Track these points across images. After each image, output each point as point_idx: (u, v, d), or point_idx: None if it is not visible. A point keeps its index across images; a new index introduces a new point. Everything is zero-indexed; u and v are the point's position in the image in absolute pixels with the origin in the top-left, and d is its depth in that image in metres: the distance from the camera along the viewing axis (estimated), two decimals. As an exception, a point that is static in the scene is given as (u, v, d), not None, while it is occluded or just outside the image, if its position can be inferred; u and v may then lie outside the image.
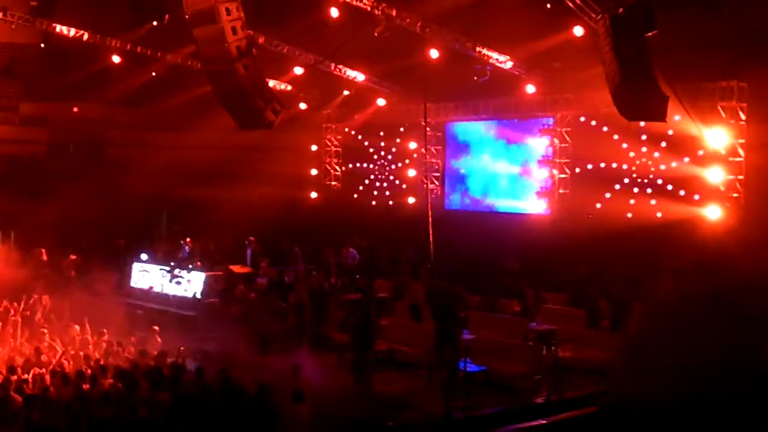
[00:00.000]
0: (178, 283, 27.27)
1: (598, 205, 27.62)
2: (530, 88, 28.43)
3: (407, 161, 35.29)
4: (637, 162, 27.14)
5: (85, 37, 30.00)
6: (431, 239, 17.67)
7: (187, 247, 31.16)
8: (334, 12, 26.03)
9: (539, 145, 30.62)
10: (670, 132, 25.43)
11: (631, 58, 18.65)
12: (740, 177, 24.50)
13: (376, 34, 25.01)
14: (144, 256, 29.68)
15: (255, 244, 31.21)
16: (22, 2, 29.11)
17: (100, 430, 14.27)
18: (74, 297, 26.00)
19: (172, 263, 28.55)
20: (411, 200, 34.30)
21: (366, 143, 37.07)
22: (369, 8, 24.77)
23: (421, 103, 26.59)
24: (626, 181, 27.36)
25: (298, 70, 32.21)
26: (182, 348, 20.21)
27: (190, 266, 28.21)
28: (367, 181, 37.14)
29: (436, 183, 33.83)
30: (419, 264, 28.22)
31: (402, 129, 35.21)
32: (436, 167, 34.02)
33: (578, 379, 18.43)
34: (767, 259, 16.36)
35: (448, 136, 34.36)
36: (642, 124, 25.05)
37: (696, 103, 23.96)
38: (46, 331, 21.74)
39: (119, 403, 15.47)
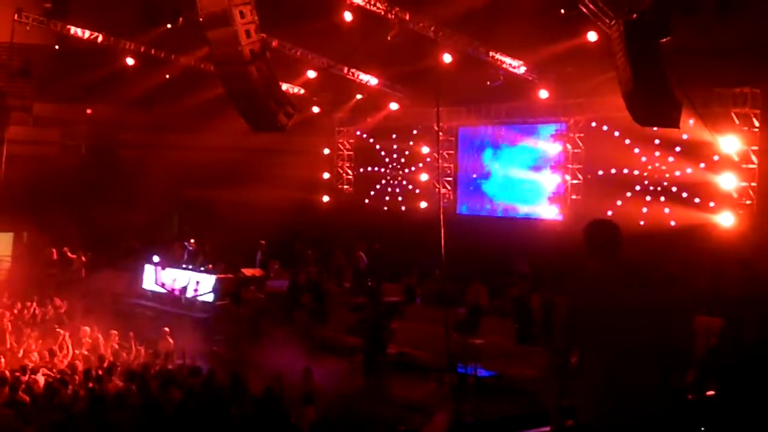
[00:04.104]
0: (193, 281, 27.37)
1: (610, 213, 27.52)
2: (543, 93, 28.41)
3: (420, 165, 35.23)
4: (650, 168, 27.06)
5: (99, 39, 30.07)
6: (443, 243, 17.61)
7: (190, 248, 31.25)
8: (348, 16, 26.07)
9: (552, 150, 30.58)
10: (684, 138, 25.35)
11: (644, 64, 18.64)
12: (753, 184, 24.41)
13: (389, 38, 25.04)
14: (156, 258, 29.76)
15: (265, 247, 31.26)
16: (37, 4, 29.16)
17: (109, 430, 14.30)
18: (86, 298, 26.11)
19: (183, 265, 28.65)
20: (423, 204, 34.26)
21: (378, 147, 37.02)
22: (382, 12, 24.82)
23: (434, 107, 26.48)
24: (639, 187, 27.27)
25: (311, 74, 32.28)
26: (195, 355, 20.34)
27: (202, 268, 28.28)
28: (379, 185, 37.10)
29: (449, 187, 33.80)
30: (427, 268, 28.29)
31: (414, 133, 35.15)
32: (449, 171, 33.98)
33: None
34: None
35: (461, 140, 34.31)
36: (655, 129, 24.97)
37: (709, 110, 23.93)
38: (61, 332, 21.85)
39: (130, 405, 15.52)
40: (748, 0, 22.89)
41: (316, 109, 36.18)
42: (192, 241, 31.65)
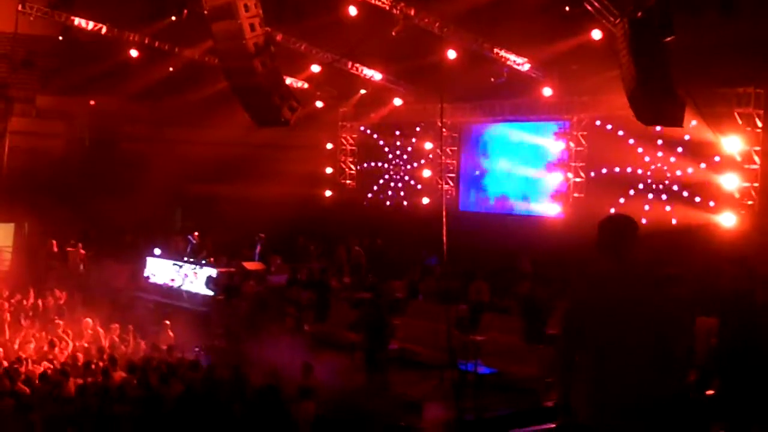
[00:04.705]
0: (194, 275, 27.34)
1: (612, 210, 27.47)
2: (547, 91, 28.35)
3: (424, 161, 35.21)
4: (653, 167, 27.02)
5: (103, 30, 30.07)
6: (444, 240, 17.64)
7: (194, 241, 31.26)
8: (353, 10, 26.05)
9: (554, 147, 30.56)
10: (687, 137, 25.32)
11: (648, 63, 18.63)
12: (755, 184, 24.39)
13: (393, 34, 25.00)
14: (157, 251, 29.77)
15: (264, 240, 31.25)
16: (41, -5, 29.20)
17: (110, 422, 14.32)
18: (86, 290, 26.13)
19: (185, 258, 28.67)
20: (425, 200, 34.24)
21: (381, 142, 37.03)
22: (387, 7, 24.77)
23: (438, 103, 26.55)
24: (641, 186, 27.25)
25: (316, 68, 32.24)
26: (197, 348, 20.38)
27: (203, 262, 28.28)
28: (381, 181, 37.09)
29: (451, 184, 33.77)
30: (430, 264, 28.27)
31: (418, 129, 35.14)
32: (451, 168, 33.95)
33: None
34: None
35: (464, 136, 34.29)
36: (658, 128, 24.94)
37: (712, 109, 23.90)
38: (61, 323, 21.87)
39: (129, 397, 15.53)
40: (753, -1, 22.92)
41: (319, 104, 36.11)
42: (196, 234, 31.64)
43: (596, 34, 23.36)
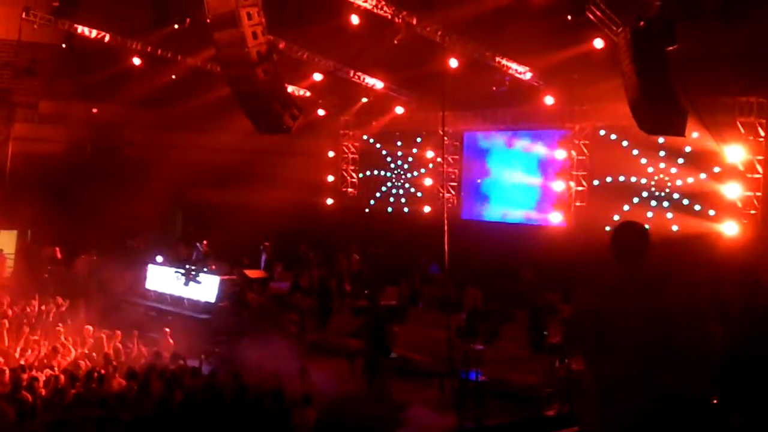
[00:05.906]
0: (196, 282, 27.22)
1: (616, 218, 27.46)
2: (549, 99, 28.35)
3: (427, 169, 35.20)
4: (655, 176, 27.02)
5: (106, 38, 30.08)
6: (446, 248, 17.65)
7: (202, 249, 31.21)
8: (355, 19, 26.04)
9: (556, 156, 30.53)
10: (689, 147, 25.32)
11: (650, 72, 18.66)
12: (758, 193, 24.39)
13: (396, 42, 25.00)
14: (159, 258, 29.73)
15: (269, 248, 31.23)
16: (45, 2, 29.19)
17: (111, 429, 14.31)
18: (88, 296, 26.08)
19: (187, 265, 28.60)
20: (427, 209, 34.24)
21: (383, 151, 37.02)
22: (389, 16, 24.78)
23: (439, 111, 26.54)
24: (644, 195, 27.24)
25: (318, 77, 32.24)
26: (203, 356, 20.39)
27: (205, 269, 28.23)
28: (383, 189, 37.08)
29: (453, 192, 33.76)
30: (432, 272, 28.28)
31: (419, 137, 35.16)
32: (453, 176, 33.94)
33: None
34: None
35: (466, 145, 34.29)
36: (661, 139, 24.94)
37: (715, 118, 23.89)
38: (62, 330, 21.82)
39: (131, 404, 15.52)
40: (754, 8, 22.90)
41: (321, 112, 36.15)
42: (205, 242, 31.57)
43: (598, 43, 23.37)
